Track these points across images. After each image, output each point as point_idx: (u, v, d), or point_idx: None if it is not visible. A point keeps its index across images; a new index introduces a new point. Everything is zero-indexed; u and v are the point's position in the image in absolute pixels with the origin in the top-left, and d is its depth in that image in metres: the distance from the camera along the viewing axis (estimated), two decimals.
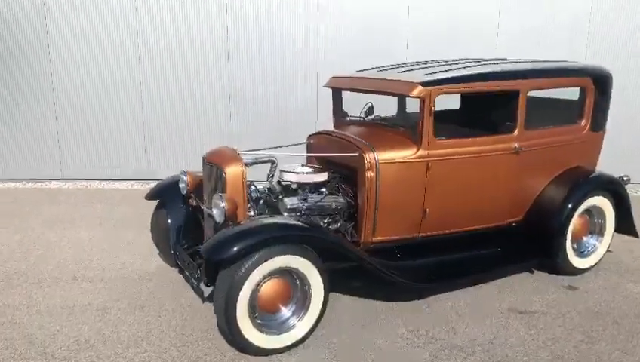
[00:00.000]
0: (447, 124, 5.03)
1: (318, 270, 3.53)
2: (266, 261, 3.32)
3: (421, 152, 4.09)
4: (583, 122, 4.78)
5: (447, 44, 7.36)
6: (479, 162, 4.31)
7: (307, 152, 4.87)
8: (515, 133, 4.38)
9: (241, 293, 3.27)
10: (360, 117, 4.97)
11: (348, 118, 5.09)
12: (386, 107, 5.12)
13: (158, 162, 7.88)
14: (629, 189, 7.35)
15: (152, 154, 7.88)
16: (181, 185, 4.39)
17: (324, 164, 4.62)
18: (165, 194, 4.54)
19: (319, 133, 4.78)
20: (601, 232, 4.87)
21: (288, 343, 3.51)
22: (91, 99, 7.67)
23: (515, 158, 4.41)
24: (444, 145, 4.18)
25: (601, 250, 4.86)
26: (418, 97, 4.02)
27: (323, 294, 3.58)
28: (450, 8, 7.42)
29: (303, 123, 7.26)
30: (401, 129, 4.37)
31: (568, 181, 4.66)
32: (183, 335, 3.72)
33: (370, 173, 4.05)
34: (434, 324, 3.92)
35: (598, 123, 4.88)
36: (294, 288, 3.58)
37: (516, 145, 4.37)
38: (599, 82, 4.78)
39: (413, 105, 5.04)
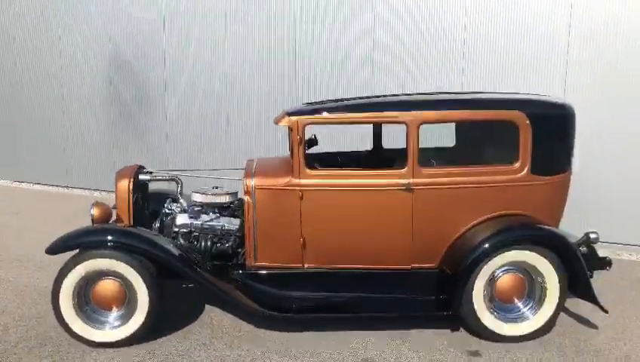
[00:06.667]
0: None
1: (144, 279, 3.84)
2: (87, 260, 3.81)
3: (292, 181, 4.10)
4: (518, 163, 4.06)
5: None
6: (361, 197, 4.08)
7: None
8: (405, 169, 4.02)
9: (63, 285, 3.81)
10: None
11: None
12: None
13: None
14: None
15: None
16: None
17: None
18: None
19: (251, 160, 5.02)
20: (540, 298, 4.02)
21: (109, 340, 3.88)
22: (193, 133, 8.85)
23: (408, 196, 4.03)
24: (318, 176, 4.10)
25: (536, 319, 4.00)
26: (286, 126, 4.08)
27: (148, 303, 3.86)
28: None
29: None
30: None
31: (489, 228, 4.01)
32: None
33: (247, 198, 4.22)
34: (268, 350, 3.85)
35: (545, 165, 4.08)
36: (129, 293, 3.93)
37: (407, 181, 4.01)
38: (542, 119, 4.04)
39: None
